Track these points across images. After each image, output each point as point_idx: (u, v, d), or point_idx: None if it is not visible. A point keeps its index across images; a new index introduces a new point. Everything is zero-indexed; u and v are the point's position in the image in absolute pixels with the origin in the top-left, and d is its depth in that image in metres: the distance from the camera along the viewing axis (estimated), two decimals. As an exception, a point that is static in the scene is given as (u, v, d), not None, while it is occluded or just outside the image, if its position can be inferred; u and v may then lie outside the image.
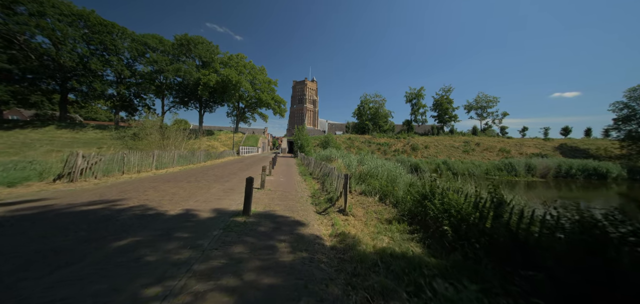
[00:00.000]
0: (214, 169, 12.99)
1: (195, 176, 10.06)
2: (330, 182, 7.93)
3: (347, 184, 5.38)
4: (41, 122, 36.88)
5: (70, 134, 35.55)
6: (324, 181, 8.96)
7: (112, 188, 6.51)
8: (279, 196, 6.83)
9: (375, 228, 4.38)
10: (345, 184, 5.43)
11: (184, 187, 7.26)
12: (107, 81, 41.21)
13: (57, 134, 34.87)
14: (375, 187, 7.47)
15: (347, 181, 5.39)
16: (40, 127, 35.83)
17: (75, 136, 34.70)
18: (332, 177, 7.85)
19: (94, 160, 7.39)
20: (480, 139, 49.16)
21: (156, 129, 21.42)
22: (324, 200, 6.64)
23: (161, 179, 8.53)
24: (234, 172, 11.91)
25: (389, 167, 8.69)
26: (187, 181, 8.51)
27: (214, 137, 45.79)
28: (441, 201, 3.98)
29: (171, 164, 12.72)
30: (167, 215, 4.37)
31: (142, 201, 5.27)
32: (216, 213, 4.63)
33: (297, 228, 4.13)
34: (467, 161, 39.31)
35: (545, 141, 45.95)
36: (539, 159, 35.19)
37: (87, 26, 37.55)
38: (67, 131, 36.55)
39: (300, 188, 8.46)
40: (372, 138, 52.50)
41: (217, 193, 6.62)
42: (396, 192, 6.63)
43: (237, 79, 41.91)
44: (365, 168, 9.12)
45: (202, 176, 10.26)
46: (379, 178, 7.92)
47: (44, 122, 36.94)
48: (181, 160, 14.70)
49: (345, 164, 12.71)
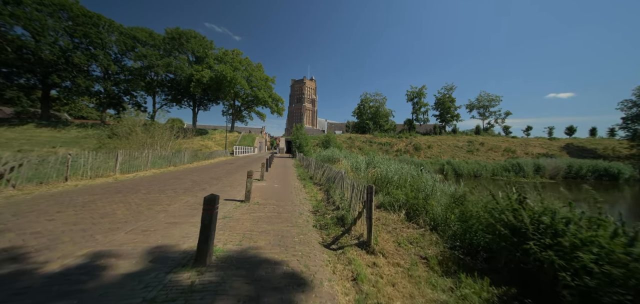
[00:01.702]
0: (195, 173, 10.96)
1: (167, 182, 8.01)
2: (339, 192, 5.98)
3: (371, 203, 3.43)
4: (20, 120, 34.36)
5: (50, 132, 33.09)
6: (329, 189, 7.03)
7: (7, 207, 4.40)
8: (268, 215, 4.86)
9: (432, 288, 2.45)
10: (367, 202, 3.49)
11: (134, 202, 5.24)
12: (92, 76, 38.75)
13: (35, 133, 32.44)
14: (398, 199, 5.55)
15: (371, 197, 3.45)
16: (18, 125, 33.33)
17: (55, 135, 32.26)
18: (341, 185, 5.90)
19: (13, 163, 5.34)
20: (485, 138, 47.68)
21: (139, 127, 19.39)
22: (332, 220, 4.70)
23: (114, 188, 6.49)
24: (217, 177, 9.89)
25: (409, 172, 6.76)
26: (148, 190, 6.45)
27: (208, 137, 43.56)
28: (572, 241, 2.07)
29: (144, 166, 10.66)
30: (38, 274, 2.34)
31: (21, 235, 3.18)
32: (147, 261, 2.66)
33: (292, 294, 2.20)
34: (472, 161, 37.83)
35: (550, 140, 44.60)
36: (547, 159, 33.75)
37: (71, 18, 35.07)
38: (48, 129, 34.09)
39: (299, 199, 6.52)
40: (373, 138, 50.72)
41: (176, 213, 4.63)
42: (432, 208, 4.73)
43: (232, 75, 39.74)
44: (378, 172, 7.19)
45: (175, 182, 8.21)
46: (401, 186, 6.00)
47: (22, 120, 34.43)
48: (160, 161, 12.64)
49: (352, 166, 10.76)
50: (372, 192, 3.51)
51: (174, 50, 42.61)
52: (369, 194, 3.51)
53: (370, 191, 3.52)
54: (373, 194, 3.52)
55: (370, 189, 3.53)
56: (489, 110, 62.59)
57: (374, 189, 3.59)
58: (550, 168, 30.96)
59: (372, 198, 3.47)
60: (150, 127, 20.03)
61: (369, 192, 3.51)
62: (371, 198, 3.47)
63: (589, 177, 29.60)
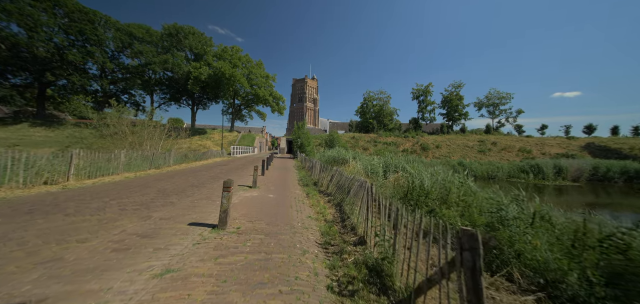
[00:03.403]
0: (175, 178, 9.23)
1: (123, 193, 6.21)
2: (364, 214, 4.06)
3: (479, 287, 1.36)
4: (13, 119, 33.42)
5: (44, 132, 32.04)
6: (342, 203, 5.17)
7: None
8: (248, 262, 2.94)
9: None
10: (471, 280, 1.40)
11: (35, 235, 3.25)
12: (88, 74, 37.65)
13: (29, 133, 31.41)
14: (452, 223, 3.64)
15: (476, 267, 1.37)
16: (11, 124, 32.37)
17: (48, 135, 31.18)
18: (366, 203, 4.00)
19: None
20: (497, 137, 45.18)
21: (127, 126, 17.94)
22: (360, 271, 2.83)
23: (31, 205, 4.74)
24: (199, 184, 8.13)
25: (450, 179, 4.83)
26: (78, 210, 4.55)
27: (207, 137, 42.16)
28: None
29: (116, 169, 8.98)
30: None
31: None
32: None
33: None
34: (485, 162, 35.59)
35: (569, 140, 41.88)
36: (569, 160, 31.27)
37: (66, 14, 33.98)
38: (42, 129, 33.05)
39: (301, 219, 4.67)
40: (377, 137, 48.65)
41: (93, 260, 2.80)
42: (531, 251, 2.79)
43: (231, 72, 38.19)
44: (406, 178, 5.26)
45: (137, 192, 6.40)
46: (450, 202, 4.09)
47: (17, 120, 33.48)
48: (140, 163, 11.00)
49: (365, 169, 8.82)
50: (478, 257, 1.47)
51: (172, 47, 41.29)
52: (472, 258, 1.47)
53: (473, 250, 1.46)
54: (480, 259, 1.48)
55: (473, 244, 1.48)
56: (499, 108, 59.85)
57: (479, 240, 1.51)
58: (572, 170, 28.48)
59: (479, 269, 1.47)
60: (139, 125, 18.58)
61: (473, 255, 1.47)
62: (477, 269, 1.46)
63: (617, 180, 27.15)
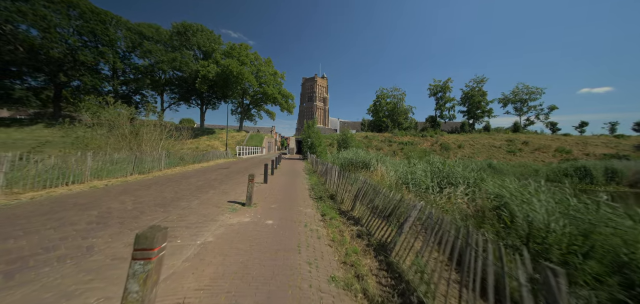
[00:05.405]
0: (151, 188, 7.37)
1: (67, 215, 4.35)
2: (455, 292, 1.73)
3: None
4: (30, 120, 34.12)
5: (58, 132, 32.36)
6: (387, 246, 2.90)
7: None
8: None
9: None
10: None
11: None
12: (101, 74, 37.90)
13: (43, 134, 31.73)
14: None
15: None
16: (27, 125, 32.99)
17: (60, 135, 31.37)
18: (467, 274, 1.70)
19: None
20: (528, 136, 40.57)
21: (126, 127, 16.72)
22: None
23: None
24: (164, 203, 6.05)
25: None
26: None
27: (215, 136, 41.26)
28: None
29: (83, 177, 7.29)
30: None
31: None
32: None
33: None
34: (516, 164, 31.62)
35: (617, 138, 36.57)
36: (622, 161, 26.80)
37: (80, 15, 34.22)
38: (56, 129, 33.44)
39: (316, 289, 2.46)
40: (392, 137, 45.49)
41: None
42: None
43: (239, 70, 36.88)
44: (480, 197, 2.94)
45: (84, 213, 4.56)
46: None
47: (32, 120, 34.14)
48: (122, 166, 9.36)
49: (403, 179, 6.40)
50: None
51: (181, 46, 40.73)
52: None
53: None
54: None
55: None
56: (527, 104, 54.37)
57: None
58: (630, 173, 24.19)
59: None
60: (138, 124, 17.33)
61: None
62: None
63: (688, 187, 22.61)
